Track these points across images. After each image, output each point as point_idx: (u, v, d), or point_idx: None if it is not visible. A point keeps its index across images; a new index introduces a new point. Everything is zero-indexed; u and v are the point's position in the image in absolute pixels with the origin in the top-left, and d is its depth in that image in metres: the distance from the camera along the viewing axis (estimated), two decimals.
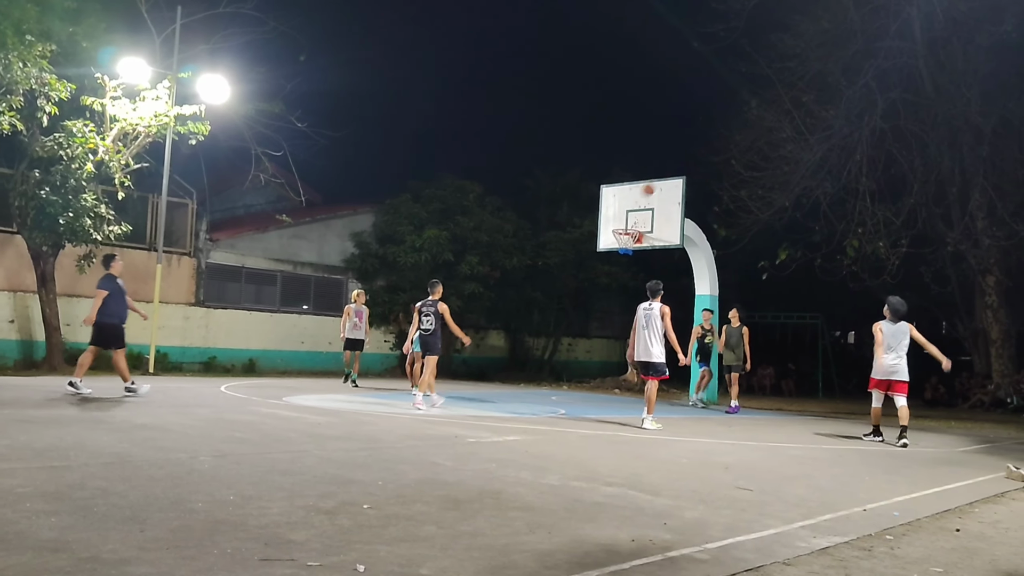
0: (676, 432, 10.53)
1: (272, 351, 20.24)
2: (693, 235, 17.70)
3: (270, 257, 21.17)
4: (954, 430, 13.80)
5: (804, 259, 20.85)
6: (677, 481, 6.26)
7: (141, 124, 15.33)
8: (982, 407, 20.21)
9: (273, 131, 18.52)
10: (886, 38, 20.08)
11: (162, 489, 4.77)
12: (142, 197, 17.87)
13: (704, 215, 20.07)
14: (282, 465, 5.88)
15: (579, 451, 7.86)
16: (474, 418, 10.59)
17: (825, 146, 20.25)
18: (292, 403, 11.39)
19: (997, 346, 20.98)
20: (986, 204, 20.16)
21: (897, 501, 5.98)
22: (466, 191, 24.11)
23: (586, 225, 22.84)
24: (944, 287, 21.58)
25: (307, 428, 8.42)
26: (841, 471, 7.57)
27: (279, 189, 21.61)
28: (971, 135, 20.19)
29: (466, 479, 5.74)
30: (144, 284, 17.86)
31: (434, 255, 22.08)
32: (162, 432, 7.33)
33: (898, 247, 19.76)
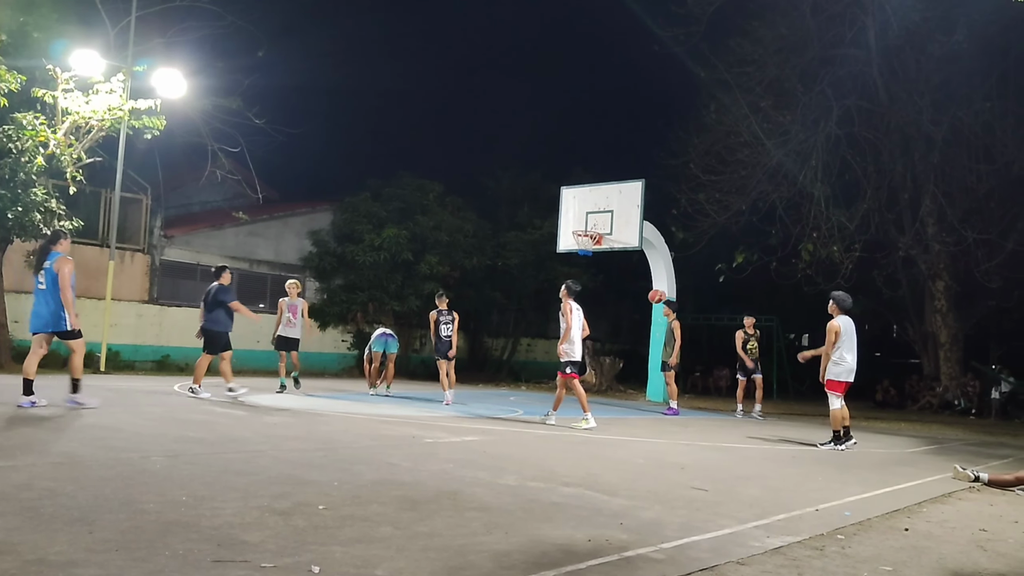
0: (633, 433, 10.61)
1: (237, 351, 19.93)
2: (652, 237, 17.85)
3: (226, 255, 20.87)
4: (903, 431, 14.09)
5: (760, 262, 21.17)
6: (634, 481, 6.30)
7: (94, 118, 14.97)
8: (931, 409, 20.69)
9: (231, 127, 18.28)
10: (842, 46, 20.48)
11: (112, 490, 4.67)
12: (95, 192, 17.53)
13: (662, 218, 20.28)
14: (236, 465, 5.80)
15: (537, 451, 7.87)
16: (432, 418, 10.56)
17: (781, 151, 20.59)
18: (247, 402, 11.24)
19: (945, 349, 21.49)
20: (936, 210, 20.64)
21: (848, 501, 6.09)
22: (426, 190, 24.03)
23: (546, 226, 22.91)
24: (895, 291, 22.06)
25: (262, 428, 8.32)
26: (794, 471, 7.69)
27: (236, 186, 21.31)
28: (923, 142, 20.66)
29: (423, 480, 5.72)
30: (96, 281, 17.52)
31: (393, 254, 21.96)
32: (113, 432, 7.18)
33: (851, 251, 20.15)
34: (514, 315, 26.71)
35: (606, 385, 21.07)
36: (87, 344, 10.49)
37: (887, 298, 22.17)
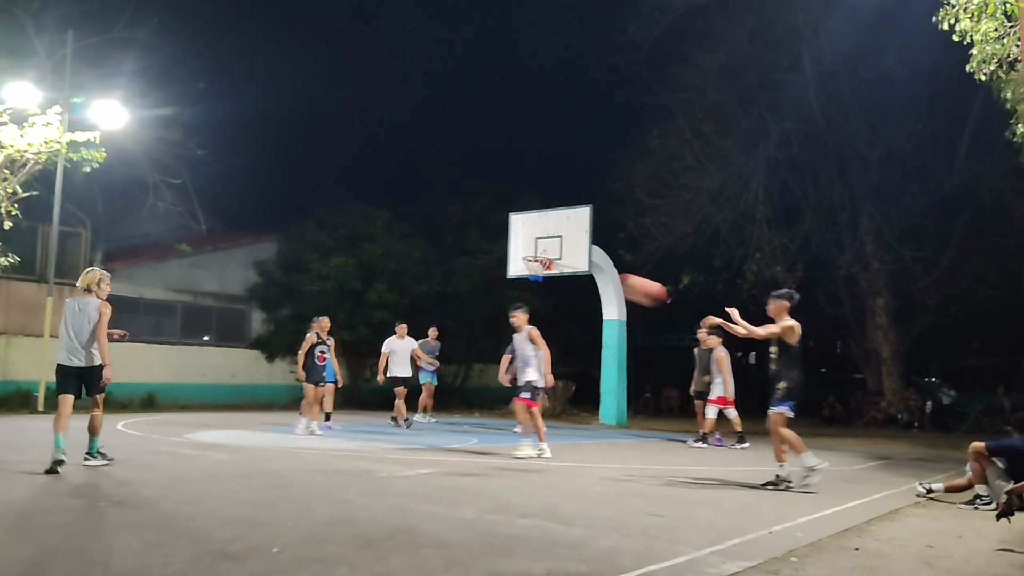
0: (589, 459, 10.63)
1: (172, 384, 19.54)
2: (600, 261, 18.00)
3: (170, 287, 20.49)
4: (851, 447, 14.35)
5: (706, 283, 21.51)
6: (590, 510, 6.31)
7: (30, 151, 14.60)
8: (876, 423, 21.13)
9: (172, 158, 18.04)
10: (779, 71, 21.05)
11: (59, 540, 4.53)
12: (31, 226, 17.06)
13: (610, 241, 20.48)
14: (186, 508, 5.66)
15: (493, 482, 7.84)
16: (384, 451, 10.45)
17: (723, 175, 21.01)
18: (194, 440, 11.00)
19: (888, 365, 22.03)
20: (874, 229, 21.23)
21: (801, 522, 6.17)
22: (373, 218, 23.91)
23: (496, 251, 22.93)
24: (838, 309, 22.58)
25: (211, 467, 8.15)
26: (747, 493, 7.78)
27: (179, 217, 20.98)
28: (859, 163, 21.28)
29: (379, 516, 5.65)
30: (34, 317, 17.05)
31: (341, 283, 21.78)
32: (55, 477, 6.97)
33: (794, 271, 20.60)
34: (466, 341, 26.62)
35: (559, 409, 21.09)
36: (25, 383, 10.14)
37: (830, 316, 22.66)
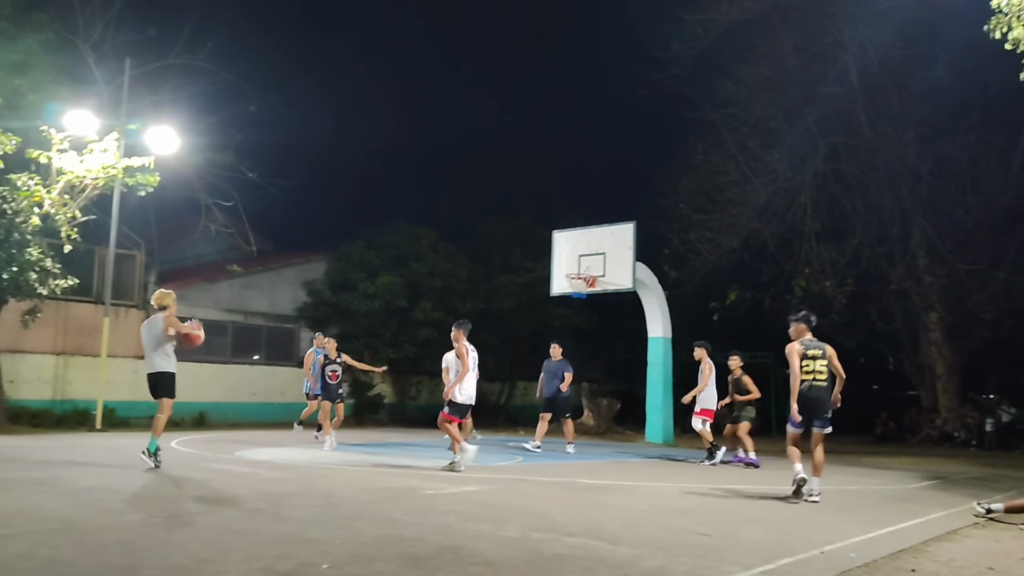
0: (634, 477, 10.56)
1: (223, 403, 19.85)
2: (645, 278, 17.93)
3: (221, 307, 20.88)
4: (905, 466, 14.04)
5: (753, 299, 21.25)
6: (637, 528, 6.27)
7: (88, 176, 15.09)
8: (931, 441, 20.63)
9: (224, 181, 18.43)
10: (825, 84, 20.81)
11: (113, 556, 4.64)
12: (89, 249, 17.57)
13: (655, 258, 20.38)
14: (236, 525, 5.76)
15: (538, 500, 7.82)
16: (431, 468, 10.49)
17: (770, 189, 20.79)
18: (244, 458, 11.17)
19: (943, 381, 21.51)
20: (926, 243, 20.81)
21: (853, 542, 6.06)
22: (419, 237, 24.15)
23: (539, 269, 22.97)
24: (889, 324, 22.12)
25: (261, 484, 8.26)
26: (797, 512, 7.65)
27: (230, 239, 21.38)
28: (909, 176, 20.90)
29: (425, 534, 5.68)
30: (91, 338, 17.49)
31: (388, 302, 21.99)
32: (111, 493, 7.13)
33: (844, 286, 20.25)
34: (509, 359, 26.65)
35: (604, 427, 20.99)
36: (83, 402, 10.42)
37: (881, 331, 22.21)
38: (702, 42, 20.69)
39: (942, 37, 19.66)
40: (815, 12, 20.78)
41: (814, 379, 8.46)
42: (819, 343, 8.71)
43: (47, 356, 17.19)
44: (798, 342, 8.71)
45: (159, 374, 9.01)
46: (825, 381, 8.48)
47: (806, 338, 8.75)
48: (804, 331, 8.79)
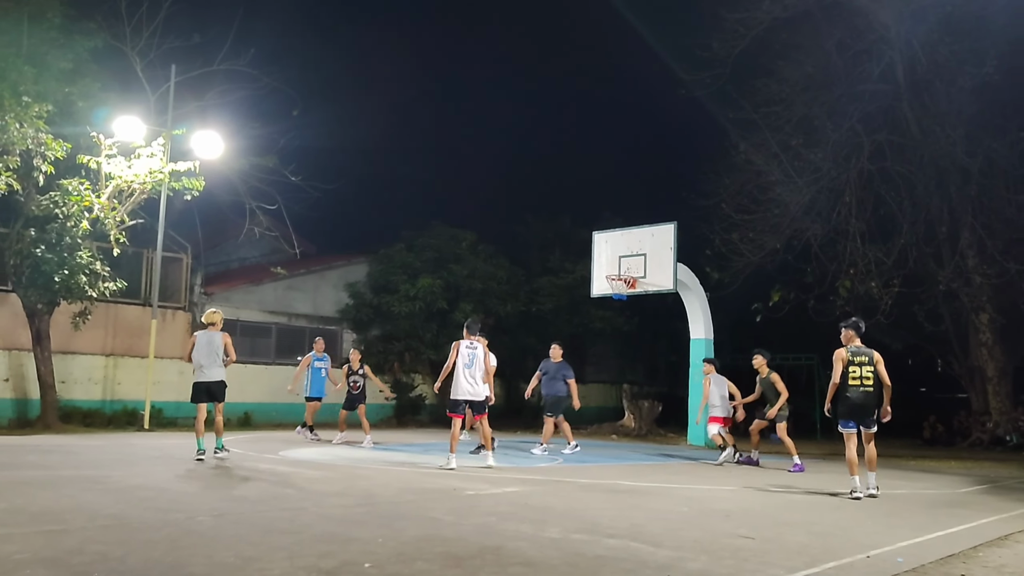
0: (675, 479, 10.49)
1: (267, 404, 20.11)
2: (686, 279, 17.79)
3: (265, 309, 21.17)
4: (954, 470, 13.75)
5: (797, 300, 20.94)
6: (678, 531, 6.23)
7: (136, 181, 15.43)
8: (981, 445, 20.15)
9: (267, 185, 18.67)
10: (869, 81, 20.45)
11: (161, 552, 4.73)
12: (137, 253, 17.93)
13: (696, 258, 20.19)
14: (281, 523, 5.84)
15: (578, 502, 7.81)
16: (471, 469, 10.53)
17: (814, 188, 20.47)
18: (288, 457, 11.32)
19: (994, 383, 21.00)
20: (976, 242, 20.33)
21: (900, 546, 5.95)
22: (459, 239, 24.25)
23: (578, 270, 22.95)
24: (938, 326, 21.64)
25: (304, 483, 8.36)
26: (842, 515, 7.53)
27: (273, 241, 21.68)
28: (958, 175, 20.44)
29: (466, 534, 5.70)
30: (139, 339, 17.85)
31: (428, 303, 22.12)
32: (158, 492, 7.27)
33: (890, 287, 19.86)
34: None
35: (645, 429, 20.87)
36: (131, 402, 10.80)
37: (929, 333, 21.73)
38: (743, 40, 20.46)
39: (992, 32, 19.20)
40: (859, 8, 20.43)
41: (861, 384, 8.76)
42: (867, 350, 8.93)
43: (97, 357, 17.59)
44: (845, 348, 8.95)
45: (220, 382, 10.63)
46: (872, 387, 8.75)
47: (854, 344, 8.98)
48: (853, 337, 9.03)
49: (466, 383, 10.42)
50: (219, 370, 10.53)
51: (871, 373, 8.78)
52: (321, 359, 15.15)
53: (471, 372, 10.44)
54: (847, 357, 8.89)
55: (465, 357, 10.45)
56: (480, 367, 10.49)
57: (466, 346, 10.51)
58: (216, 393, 10.60)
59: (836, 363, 8.91)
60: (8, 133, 13.30)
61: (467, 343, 10.53)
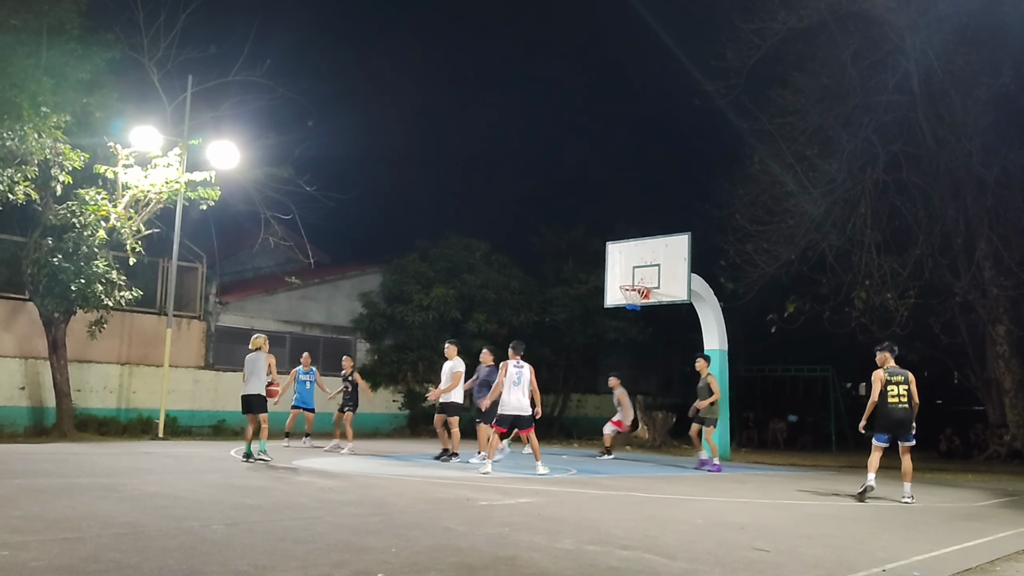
0: (690, 491, 10.43)
1: (282, 413, 20.09)
2: (700, 290, 17.74)
3: (279, 319, 21.25)
4: (971, 483, 13.63)
5: (812, 312, 20.83)
6: (693, 543, 6.19)
7: (152, 191, 15.56)
8: (998, 458, 19.97)
9: (282, 195, 18.74)
10: (885, 92, 20.37)
11: (176, 560, 4.75)
12: (152, 262, 18.04)
13: (710, 269, 20.13)
14: (294, 532, 5.85)
15: (592, 512, 7.78)
16: (484, 479, 10.51)
17: (829, 199, 20.39)
18: (301, 466, 11.34)
19: (1011, 396, 20.80)
20: (992, 254, 20.19)
21: (916, 560, 5.90)
22: (472, 249, 24.27)
23: (592, 280, 22.92)
24: (954, 337, 21.48)
25: (317, 493, 8.38)
26: (858, 528, 7.48)
27: (288, 251, 21.78)
28: (974, 186, 20.33)
29: (479, 544, 5.69)
30: (154, 348, 17.94)
31: (441, 313, 22.14)
32: (173, 500, 7.30)
33: (906, 298, 19.73)
34: (563, 371, 26.57)
35: (659, 440, 20.78)
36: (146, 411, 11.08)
37: (945, 344, 21.57)
38: (758, 51, 20.43)
39: (1009, 42, 19.11)
40: (874, 19, 20.39)
41: (898, 402, 9.69)
42: (902, 370, 9.88)
43: (112, 366, 17.68)
44: (883, 369, 9.85)
45: (255, 396, 11.74)
46: (907, 404, 9.70)
47: (890, 365, 9.89)
48: (888, 359, 9.95)
49: (514, 400, 11.21)
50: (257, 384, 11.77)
51: (906, 392, 9.66)
52: (307, 372, 16.21)
53: (519, 390, 11.26)
54: (885, 377, 9.74)
55: (513, 376, 11.29)
56: (527, 385, 11.32)
57: (513, 366, 11.35)
58: (252, 405, 11.78)
59: (875, 383, 9.74)
60: (26, 143, 13.43)
61: (514, 363, 11.37)
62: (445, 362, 13.31)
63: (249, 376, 11.83)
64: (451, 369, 13.01)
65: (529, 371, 11.41)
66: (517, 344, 11.65)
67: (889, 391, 9.68)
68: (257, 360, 11.86)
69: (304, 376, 16.13)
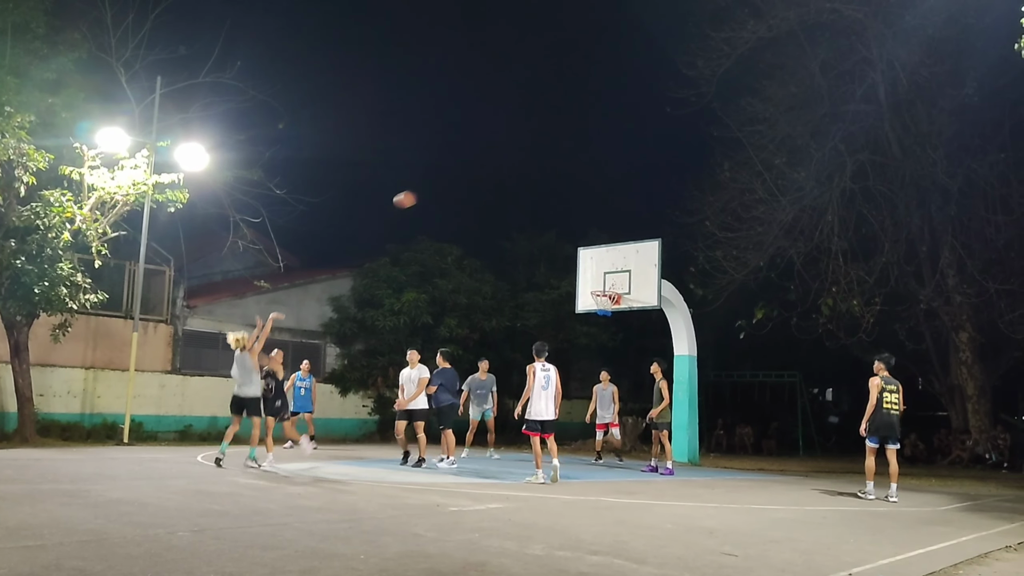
0: (660, 496, 10.48)
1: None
2: (670, 296, 17.84)
3: (248, 323, 20.91)
4: (935, 488, 13.83)
5: (780, 318, 21.07)
6: (662, 548, 6.22)
7: (119, 193, 15.33)
8: (961, 463, 20.30)
9: (252, 198, 18.60)
10: (852, 102, 20.70)
11: (140, 568, 4.67)
12: (119, 265, 17.79)
13: (681, 275, 20.28)
14: (262, 539, 5.78)
15: (562, 518, 7.79)
16: (454, 485, 10.48)
17: (797, 207, 20.66)
18: (269, 472, 11.22)
19: (973, 402, 21.17)
20: (956, 262, 20.55)
21: (883, 564, 5.97)
22: (444, 254, 24.24)
23: (564, 286, 22.97)
24: (919, 344, 21.84)
25: (286, 499, 8.29)
26: (825, 533, 7.55)
27: (257, 255, 21.59)
28: (938, 195, 20.70)
29: (449, 550, 5.67)
30: (120, 352, 17.68)
31: (413, 318, 22.06)
32: (138, 506, 7.19)
33: (872, 305, 20.03)
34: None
35: (630, 445, 20.85)
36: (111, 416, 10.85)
37: (910, 351, 21.93)
38: (728, 59, 20.68)
39: (972, 55, 19.53)
40: (842, 30, 20.71)
41: (892, 408, 10.61)
42: (894, 379, 10.76)
43: (77, 370, 17.40)
44: (879, 377, 10.69)
45: (252, 399, 11.40)
46: (898, 410, 10.67)
47: (884, 374, 10.72)
48: (883, 368, 10.77)
49: (543, 405, 10.97)
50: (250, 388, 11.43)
51: (897, 399, 10.64)
52: (304, 379, 16.58)
53: (548, 394, 11.00)
54: (882, 385, 10.63)
55: (542, 380, 10.98)
56: (554, 389, 11.05)
57: (541, 369, 11.03)
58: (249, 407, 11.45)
59: (873, 390, 10.61)
60: None
61: (541, 366, 11.05)
62: (406, 369, 13.25)
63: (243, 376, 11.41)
64: (417, 375, 12.98)
65: (556, 374, 11.13)
66: (541, 346, 11.30)
67: (885, 398, 10.60)
68: (246, 359, 11.49)
69: (301, 383, 16.51)
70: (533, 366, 11.04)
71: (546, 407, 10.97)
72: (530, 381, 10.98)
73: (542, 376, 10.97)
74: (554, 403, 11.05)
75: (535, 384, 10.93)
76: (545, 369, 11.03)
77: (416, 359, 13.21)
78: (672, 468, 13.92)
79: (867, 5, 19.77)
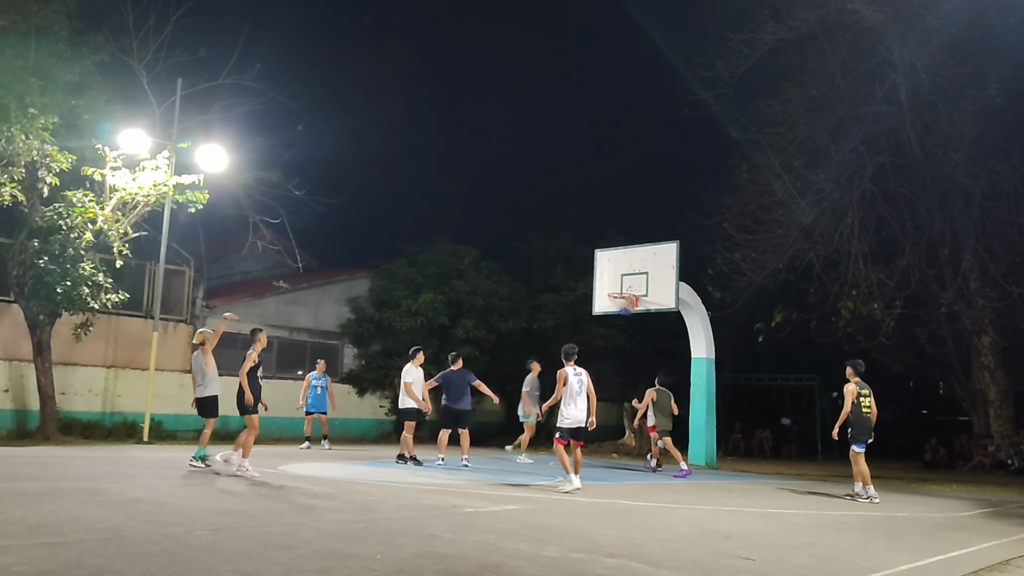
0: (676, 499, 10.44)
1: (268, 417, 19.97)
2: (688, 298, 17.78)
3: (266, 323, 21.11)
4: (956, 493, 13.69)
5: (799, 321, 20.92)
6: (678, 551, 6.20)
7: (140, 194, 15.47)
8: (983, 469, 20.07)
9: (271, 199, 18.66)
10: (873, 103, 20.52)
11: (159, 566, 4.71)
12: (139, 265, 17.94)
13: (698, 277, 20.19)
14: (279, 539, 5.81)
15: (578, 520, 7.78)
16: (471, 486, 10.49)
17: (816, 209, 20.50)
18: (287, 472, 11.29)
19: (995, 407, 20.93)
20: (978, 265, 20.33)
21: (901, 570, 5.92)
22: (461, 255, 24.25)
23: (580, 288, 22.94)
24: (940, 348, 21.61)
25: (302, 499, 8.34)
26: (843, 538, 7.50)
27: (276, 255, 21.68)
28: (961, 197, 20.48)
29: (465, 552, 5.68)
30: (140, 352, 17.83)
31: (429, 319, 22.11)
32: (157, 505, 7.25)
33: (892, 308, 19.84)
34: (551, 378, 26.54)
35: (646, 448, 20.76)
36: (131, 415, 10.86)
37: (931, 355, 21.70)
38: (747, 61, 20.56)
39: (995, 56, 19.31)
40: (863, 31, 20.55)
41: (869, 411, 10.96)
42: (867, 384, 11.22)
43: (98, 369, 17.56)
44: (854, 383, 11.08)
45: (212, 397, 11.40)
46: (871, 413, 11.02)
47: (857, 379, 11.12)
48: (854, 374, 11.21)
49: (575, 410, 10.36)
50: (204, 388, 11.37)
51: (871, 403, 11.02)
52: (320, 379, 17.00)
53: (581, 399, 10.38)
54: (857, 390, 11.00)
55: (574, 385, 10.38)
56: (588, 393, 10.46)
57: (573, 373, 10.47)
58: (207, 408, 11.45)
59: (849, 396, 10.96)
60: (13, 144, 13.34)
61: (572, 370, 10.49)
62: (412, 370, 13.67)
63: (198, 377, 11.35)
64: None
65: (588, 377, 10.56)
66: (571, 348, 10.73)
67: (862, 402, 10.96)
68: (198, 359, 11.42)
69: (316, 382, 16.93)
70: (563, 371, 10.48)
71: (581, 412, 10.34)
72: (559, 386, 10.40)
73: (575, 381, 10.39)
74: (589, 409, 10.44)
75: (566, 389, 10.33)
76: (577, 373, 10.49)
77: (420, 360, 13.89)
78: (688, 469, 14.13)
79: (888, 6, 19.60)
